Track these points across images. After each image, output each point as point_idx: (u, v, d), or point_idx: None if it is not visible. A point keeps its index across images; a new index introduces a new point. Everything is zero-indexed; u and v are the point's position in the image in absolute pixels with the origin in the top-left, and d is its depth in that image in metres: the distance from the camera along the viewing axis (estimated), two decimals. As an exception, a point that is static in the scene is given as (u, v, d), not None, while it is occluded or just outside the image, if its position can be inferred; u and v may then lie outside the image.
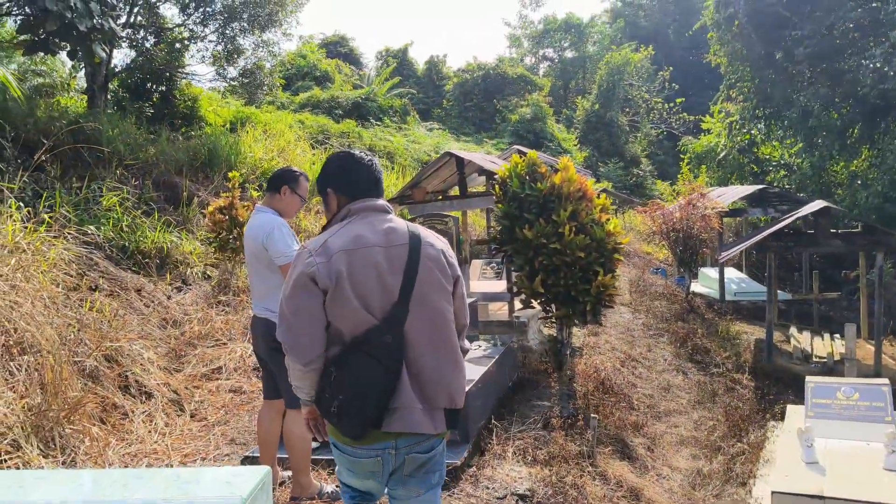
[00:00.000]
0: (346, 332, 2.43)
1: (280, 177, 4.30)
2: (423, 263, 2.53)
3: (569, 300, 7.42)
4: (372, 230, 2.56)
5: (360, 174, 2.69)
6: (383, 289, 2.47)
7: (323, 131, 19.67)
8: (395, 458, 2.52)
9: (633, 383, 8.45)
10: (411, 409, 2.44)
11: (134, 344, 6.63)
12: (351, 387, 2.40)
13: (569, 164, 7.70)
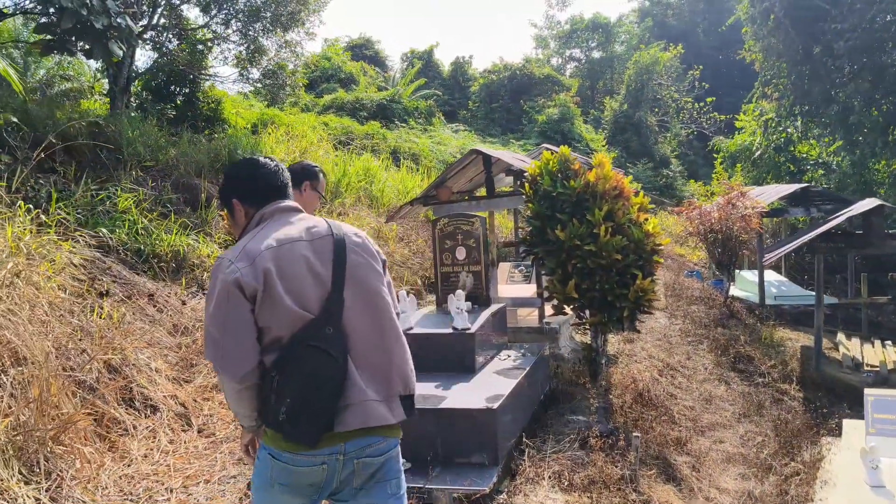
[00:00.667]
0: (284, 334, 2.29)
1: (301, 172, 3.89)
2: (351, 250, 2.46)
3: (604, 306, 6.93)
4: (291, 227, 2.46)
5: (267, 180, 2.60)
6: (316, 281, 2.36)
7: (347, 133, 19.36)
8: (343, 466, 2.36)
9: (673, 394, 7.91)
10: (365, 402, 2.33)
11: (141, 353, 6.25)
12: (299, 387, 2.24)
13: (604, 159, 7.21)
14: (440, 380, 5.31)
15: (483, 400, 4.64)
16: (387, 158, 17.29)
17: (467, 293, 6.62)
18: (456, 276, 6.80)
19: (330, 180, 13.34)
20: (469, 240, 6.71)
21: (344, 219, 12.21)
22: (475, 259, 6.69)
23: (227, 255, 2.36)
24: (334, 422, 2.29)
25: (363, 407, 2.33)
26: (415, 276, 11.75)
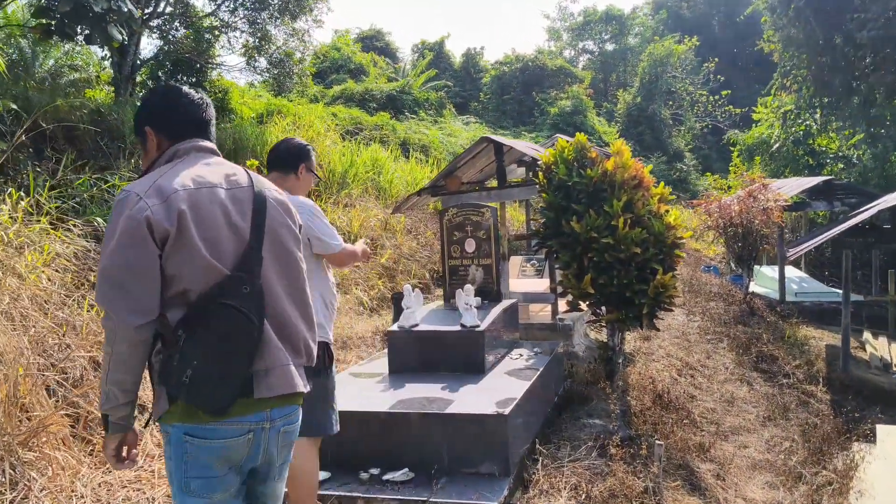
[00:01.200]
0: (194, 287, 2.02)
1: (295, 153, 3.56)
2: (272, 206, 2.25)
3: (622, 302, 6.54)
4: (209, 170, 2.19)
5: (188, 113, 2.29)
6: (233, 233, 2.12)
7: (356, 124, 19.00)
8: (269, 437, 2.16)
9: (693, 395, 7.52)
10: (284, 366, 2.16)
11: (132, 349, 5.91)
12: (210, 350, 1.98)
13: (623, 147, 6.80)
14: (447, 381, 4.94)
15: (493, 404, 4.26)
16: (396, 150, 16.93)
17: (477, 288, 6.24)
18: (465, 269, 6.42)
19: (337, 171, 12.99)
20: (479, 231, 6.32)
21: (351, 210, 11.85)
22: (485, 252, 6.30)
23: (134, 188, 2.06)
24: (253, 386, 2.08)
25: (284, 371, 2.16)
26: (423, 269, 11.38)
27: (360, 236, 11.10)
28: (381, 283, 10.05)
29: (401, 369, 5.31)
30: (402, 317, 5.42)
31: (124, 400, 2.07)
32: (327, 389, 3.41)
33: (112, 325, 1.99)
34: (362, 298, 9.36)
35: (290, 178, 3.51)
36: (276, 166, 3.52)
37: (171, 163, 2.19)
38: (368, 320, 8.80)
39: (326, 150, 13.58)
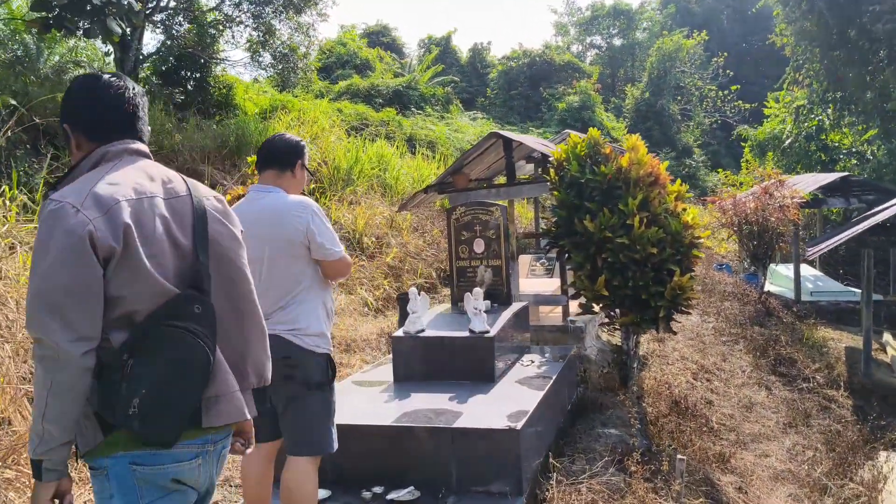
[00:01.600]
0: (140, 309, 1.82)
1: (293, 150, 3.30)
2: (213, 217, 2.04)
3: (637, 304, 6.26)
4: (146, 178, 1.94)
5: (110, 108, 1.99)
6: (175, 248, 1.92)
7: (362, 120, 18.73)
8: (211, 459, 2.00)
9: (710, 400, 7.24)
10: (233, 393, 1.99)
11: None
12: (160, 376, 1.79)
13: (638, 143, 6.52)
14: (455, 390, 4.67)
15: (505, 417, 4.00)
16: (402, 146, 16.66)
17: (486, 290, 5.97)
18: (473, 270, 6.14)
19: (342, 167, 12.73)
20: (488, 231, 6.05)
21: (356, 207, 11.60)
22: (494, 252, 6.03)
23: (66, 197, 1.80)
24: (202, 415, 1.90)
25: (231, 399, 1.98)
26: (429, 268, 11.12)
27: (366, 234, 10.84)
28: (386, 283, 9.80)
29: (406, 377, 5.05)
30: (408, 322, 5.16)
31: (63, 439, 1.78)
32: (329, 405, 3.15)
33: (50, 353, 1.73)
34: (367, 299, 9.11)
35: (287, 175, 3.25)
36: (271, 163, 3.26)
37: (97, 168, 1.92)
38: (373, 322, 8.54)
39: (331, 147, 13.33)
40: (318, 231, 3.08)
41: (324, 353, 3.14)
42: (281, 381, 3.07)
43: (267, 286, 3.12)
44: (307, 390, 3.08)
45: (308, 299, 3.13)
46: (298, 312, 3.10)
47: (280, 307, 3.11)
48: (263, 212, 3.14)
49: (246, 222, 3.23)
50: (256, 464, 3.27)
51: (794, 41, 20.19)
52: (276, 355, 3.09)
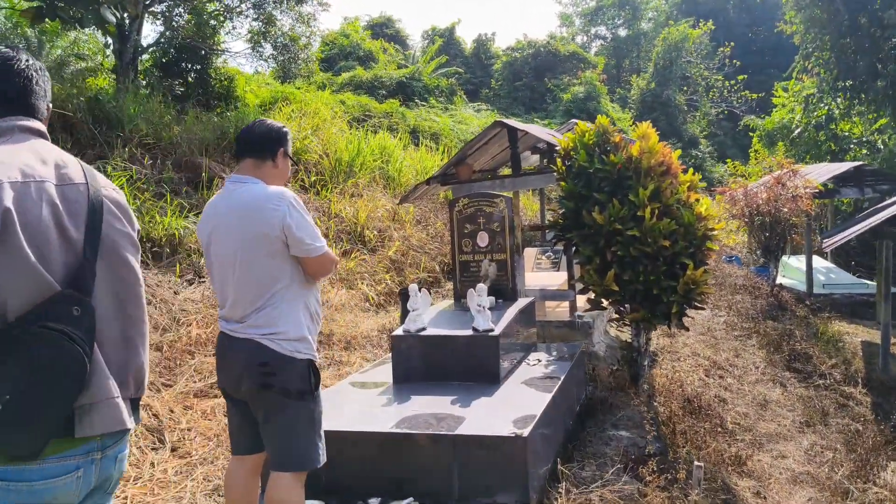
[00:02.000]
0: (13, 303, 1.63)
1: (275, 137, 3.04)
2: (107, 209, 1.85)
3: (648, 299, 6.00)
4: (37, 158, 1.77)
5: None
6: (64, 240, 1.74)
7: (365, 111, 18.47)
8: (100, 469, 1.81)
9: (723, 398, 6.98)
10: (110, 399, 1.79)
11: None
12: (27, 382, 1.61)
13: (649, 130, 6.24)
14: (458, 392, 4.41)
15: (510, 423, 3.74)
16: (405, 137, 16.39)
17: (490, 285, 5.71)
18: (477, 264, 5.88)
19: (343, 159, 12.47)
20: (492, 223, 5.77)
21: (358, 200, 11.35)
22: (499, 246, 5.75)
23: None
24: (75, 425, 1.71)
25: (111, 405, 1.78)
26: (433, 261, 10.87)
27: (367, 228, 10.59)
28: (388, 277, 9.54)
29: (406, 378, 4.79)
30: (408, 319, 4.90)
31: None
32: (313, 416, 2.89)
33: None
34: (368, 294, 8.85)
35: (267, 165, 2.99)
36: (251, 152, 3.00)
37: None
38: (374, 318, 8.29)
39: (333, 138, 13.07)
40: (295, 224, 2.81)
41: (305, 358, 2.87)
42: (258, 390, 2.82)
43: (241, 286, 2.87)
44: (287, 400, 2.82)
45: (287, 300, 2.87)
46: (276, 314, 2.84)
47: (256, 309, 2.85)
48: (237, 205, 2.88)
49: (219, 216, 2.98)
50: (241, 476, 3.02)
51: (804, 29, 19.79)
52: (252, 361, 2.85)
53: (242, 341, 2.87)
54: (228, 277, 2.91)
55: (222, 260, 2.93)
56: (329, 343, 7.15)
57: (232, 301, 2.93)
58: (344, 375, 6.53)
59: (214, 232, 2.96)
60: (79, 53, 17.19)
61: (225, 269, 2.92)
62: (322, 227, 10.24)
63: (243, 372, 2.87)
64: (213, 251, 2.99)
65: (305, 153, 12.09)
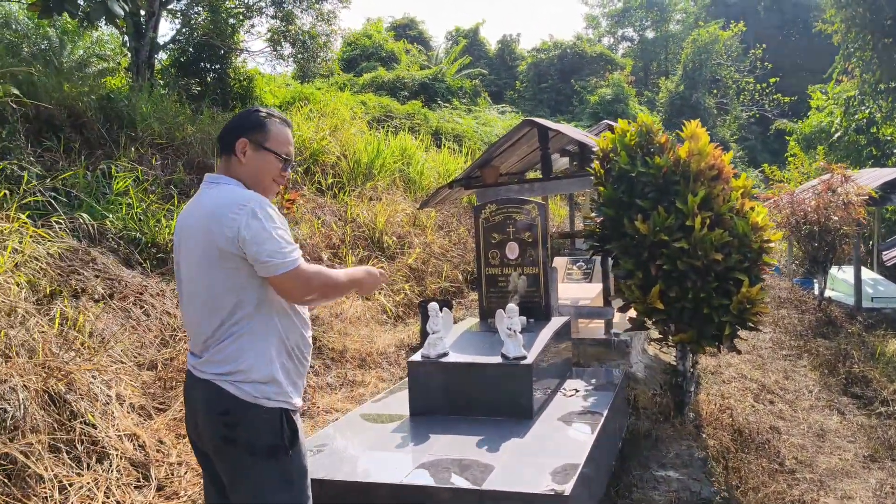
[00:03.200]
0: None
1: (237, 124, 2.44)
2: None
3: (697, 319, 5.34)
4: None
5: None
6: None
7: (386, 112, 17.93)
8: None
9: (776, 427, 6.29)
10: None
11: (102, 373, 4.86)
12: None
13: (698, 130, 5.60)
14: (485, 432, 3.78)
15: (548, 475, 3.11)
16: (427, 139, 15.81)
17: (520, 301, 5.10)
18: (505, 278, 5.25)
19: (362, 160, 11.90)
20: (524, 233, 5.14)
21: (376, 203, 10.77)
22: (531, 258, 5.12)
23: None
24: None
25: None
26: (455, 270, 10.26)
27: (386, 233, 10.00)
28: (407, 287, 8.94)
29: (425, 410, 4.17)
30: (428, 343, 4.28)
31: None
32: (290, 476, 2.28)
33: None
34: (386, 305, 8.25)
35: (233, 162, 2.40)
36: (221, 146, 2.45)
37: None
38: (392, 331, 7.70)
39: (352, 139, 12.51)
40: (251, 237, 2.20)
41: (275, 406, 2.27)
42: (222, 445, 2.23)
43: (200, 312, 2.28)
44: (253, 458, 2.24)
45: (252, 331, 2.27)
46: (236, 350, 2.26)
47: (215, 341, 2.28)
48: (203, 211, 2.31)
49: (187, 225, 2.39)
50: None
51: (844, 28, 18.99)
52: (211, 409, 2.25)
53: (201, 382, 2.29)
54: (192, 297, 2.34)
55: (186, 278, 2.36)
56: (342, 360, 6.56)
57: (194, 330, 2.36)
58: (357, 398, 5.95)
59: (182, 243, 2.39)
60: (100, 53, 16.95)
61: (187, 286, 2.36)
62: (339, 231, 9.68)
63: (202, 421, 2.29)
64: (181, 266, 2.42)
65: (323, 154, 11.54)
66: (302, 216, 9.54)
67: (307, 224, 9.38)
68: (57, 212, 7.42)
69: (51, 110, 9.37)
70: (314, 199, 10.31)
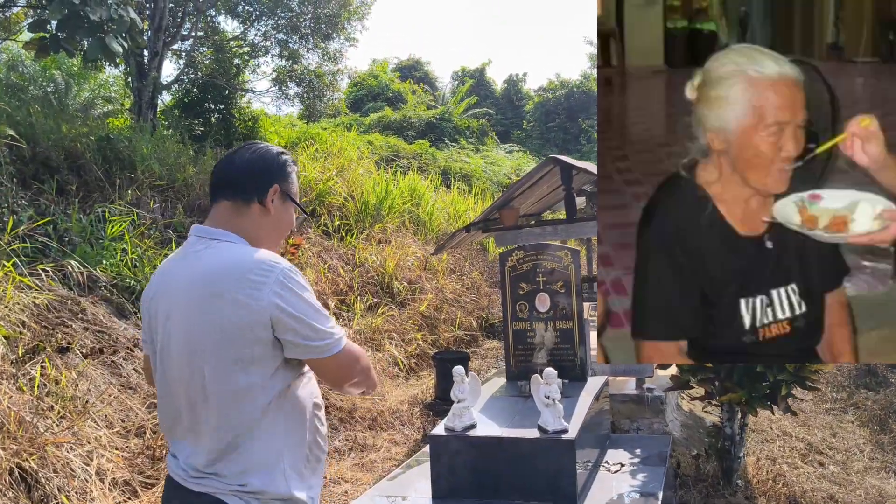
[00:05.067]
0: None
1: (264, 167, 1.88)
2: None
3: (749, 377, 4.78)
4: None
5: None
6: None
7: (393, 152, 17.57)
8: None
9: (832, 495, 5.67)
10: None
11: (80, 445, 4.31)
12: None
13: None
14: (522, 522, 3.22)
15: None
16: (436, 179, 15.40)
17: (549, 359, 4.55)
18: (535, 334, 4.71)
19: (370, 202, 11.45)
20: (555, 283, 4.61)
21: (385, 247, 10.28)
22: (564, 312, 4.58)
23: None
24: None
25: None
26: (469, 316, 9.72)
27: (396, 278, 9.48)
28: (419, 337, 8.38)
29: (450, 493, 3.58)
30: (452, 414, 3.71)
31: None
32: None
33: None
34: (397, 357, 7.69)
35: (252, 210, 1.86)
36: (227, 191, 1.87)
37: None
38: (404, 386, 7.14)
39: (359, 179, 12.07)
40: (292, 311, 1.68)
41: None
42: None
43: (198, 408, 1.74)
44: None
45: (269, 433, 1.74)
46: (251, 461, 1.72)
47: (220, 451, 1.73)
48: (200, 276, 1.74)
49: (171, 290, 1.85)
50: None
51: None
52: None
53: (196, 496, 1.74)
54: (178, 390, 1.78)
55: (171, 360, 1.80)
56: (350, 422, 5.99)
57: (184, 428, 1.80)
58: (368, 465, 5.37)
59: (162, 313, 1.82)
60: (105, 95, 16.83)
61: (173, 375, 1.80)
62: (346, 276, 9.17)
63: None
64: (158, 341, 1.85)
65: (329, 195, 11.09)
66: (307, 261, 9.06)
67: (313, 269, 8.89)
68: (48, 258, 6.97)
69: (47, 152, 9.00)
70: (320, 243, 9.83)
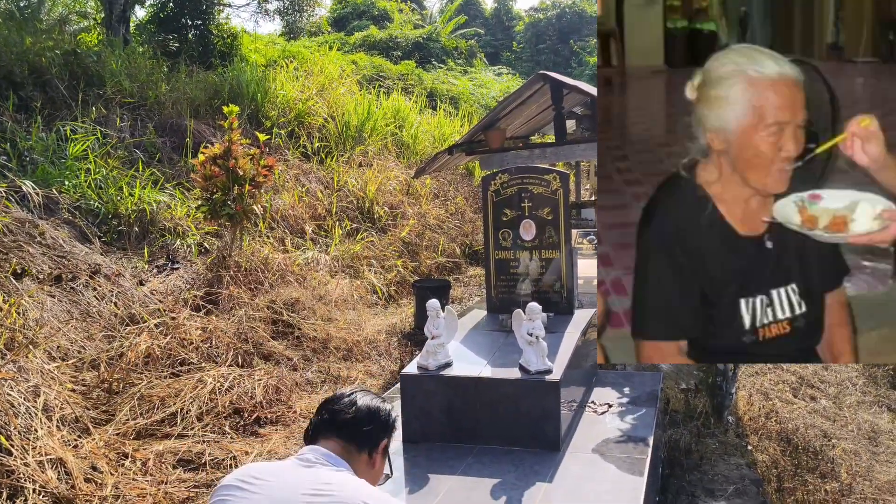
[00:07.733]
0: None
1: (382, 425, 1.80)
2: None
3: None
4: None
5: None
6: None
7: (378, 72, 16.90)
8: None
9: (824, 430, 5.48)
10: None
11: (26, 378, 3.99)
12: None
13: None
14: (499, 471, 2.93)
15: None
16: (422, 101, 14.81)
17: (536, 289, 4.23)
18: (517, 262, 4.38)
19: (352, 123, 10.96)
20: (542, 209, 4.24)
21: (366, 170, 9.85)
22: (550, 240, 4.23)
23: None
24: None
25: None
26: (452, 242, 9.39)
27: (377, 203, 9.09)
28: (400, 264, 8.06)
29: (422, 437, 3.30)
30: (426, 352, 3.39)
31: None
32: None
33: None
34: (376, 284, 7.38)
35: (361, 459, 1.72)
36: (344, 432, 1.72)
37: None
38: (382, 315, 6.85)
39: (340, 100, 11.54)
40: None
41: None
42: None
43: None
44: None
45: None
46: None
47: None
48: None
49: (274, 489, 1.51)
50: None
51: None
52: None
53: None
54: None
55: None
56: (324, 352, 5.70)
57: None
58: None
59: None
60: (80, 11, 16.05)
61: None
62: (325, 201, 8.79)
63: None
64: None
65: (309, 116, 10.60)
66: (283, 184, 8.64)
67: (289, 193, 8.49)
68: (5, 178, 6.54)
69: (10, 66, 8.46)
70: (298, 165, 9.39)
